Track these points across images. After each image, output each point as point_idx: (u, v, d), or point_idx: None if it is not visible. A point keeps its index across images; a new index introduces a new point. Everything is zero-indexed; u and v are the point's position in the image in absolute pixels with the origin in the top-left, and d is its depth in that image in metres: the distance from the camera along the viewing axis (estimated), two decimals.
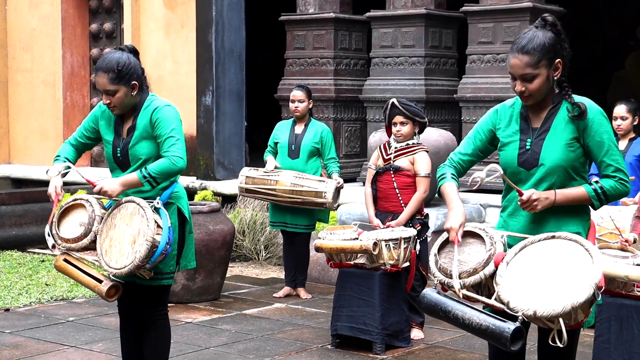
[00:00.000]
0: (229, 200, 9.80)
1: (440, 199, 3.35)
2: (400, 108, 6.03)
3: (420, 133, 6.18)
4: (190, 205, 5.02)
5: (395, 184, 6.05)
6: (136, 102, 4.31)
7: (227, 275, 7.75)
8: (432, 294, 3.43)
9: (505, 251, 3.41)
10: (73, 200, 4.39)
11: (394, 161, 6.07)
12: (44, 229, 10.47)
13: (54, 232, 4.37)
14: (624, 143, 6.80)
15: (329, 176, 7.29)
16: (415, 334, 6.13)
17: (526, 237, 3.42)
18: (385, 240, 5.66)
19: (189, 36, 10.94)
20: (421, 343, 6.03)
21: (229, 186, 10.08)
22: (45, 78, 12.44)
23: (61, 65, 12.22)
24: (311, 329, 6.44)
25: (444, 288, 3.46)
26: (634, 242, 4.93)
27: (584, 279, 3.16)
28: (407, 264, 5.82)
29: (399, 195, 6.04)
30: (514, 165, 3.52)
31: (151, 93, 4.38)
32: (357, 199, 8.41)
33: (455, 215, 3.47)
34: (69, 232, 4.31)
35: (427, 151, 6.14)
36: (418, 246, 5.95)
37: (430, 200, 8.26)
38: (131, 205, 4.19)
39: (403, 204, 6.01)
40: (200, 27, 10.72)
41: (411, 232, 5.80)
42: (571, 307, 3.12)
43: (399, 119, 6.06)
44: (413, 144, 6.10)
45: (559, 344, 3.18)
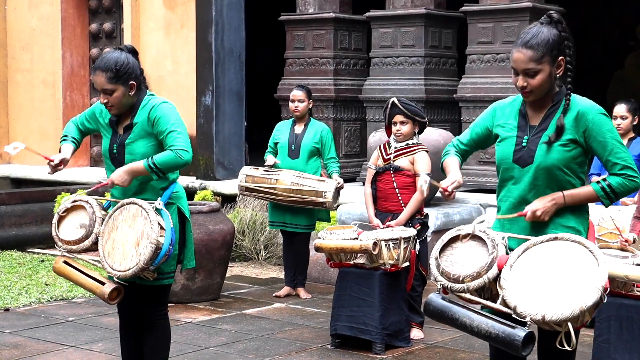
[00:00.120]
0: (228, 200, 9.80)
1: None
2: (401, 107, 6.03)
3: (420, 133, 6.18)
4: (190, 205, 5.02)
5: (395, 184, 6.04)
6: (134, 102, 4.30)
7: (227, 275, 7.75)
8: (437, 300, 3.41)
9: (506, 253, 3.39)
10: (73, 202, 4.37)
11: (393, 161, 6.06)
12: (43, 229, 10.47)
13: (54, 235, 4.35)
14: (623, 142, 6.79)
15: (329, 176, 7.29)
16: (415, 333, 6.12)
17: (527, 239, 3.38)
18: (385, 240, 5.66)
19: (189, 36, 10.94)
20: (421, 343, 6.03)
21: (228, 186, 10.07)
22: (45, 78, 12.43)
23: (61, 65, 12.22)
24: (311, 328, 6.44)
25: (446, 292, 3.44)
26: (634, 242, 4.94)
27: (591, 281, 3.15)
28: (407, 263, 5.82)
29: (398, 195, 6.03)
30: (509, 161, 3.51)
31: (149, 92, 4.37)
32: (357, 198, 8.41)
33: (452, 175, 3.57)
34: (70, 234, 4.30)
35: (427, 151, 6.14)
36: (418, 246, 5.96)
37: (430, 200, 8.26)
38: (133, 207, 4.16)
39: (403, 204, 6.01)
40: (200, 27, 10.72)
41: (411, 232, 5.80)
42: (580, 311, 3.10)
43: (399, 118, 6.05)
44: (413, 143, 6.10)
45: (567, 348, 3.17)
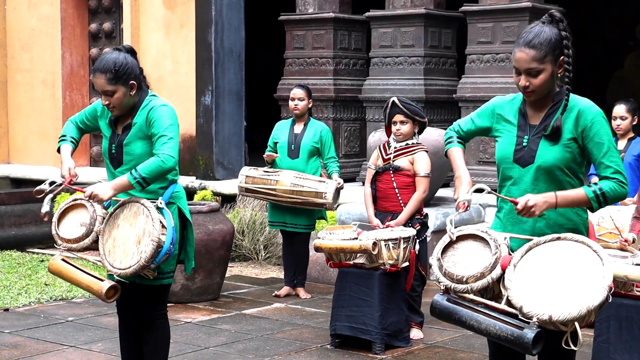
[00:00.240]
0: (228, 200, 9.80)
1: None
2: (401, 107, 6.03)
3: (420, 133, 6.18)
4: (189, 205, 5.02)
5: (394, 184, 6.04)
6: (135, 102, 4.29)
7: (227, 275, 7.75)
8: (443, 302, 3.41)
9: (509, 254, 3.38)
10: (73, 200, 4.37)
11: (393, 161, 6.06)
12: (43, 229, 10.44)
13: (54, 233, 4.35)
14: (623, 142, 6.80)
15: (329, 176, 7.28)
16: (415, 333, 6.13)
17: (530, 239, 3.37)
18: (385, 240, 5.66)
19: (189, 36, 10.94)
20: (420, 343, 6.03)
21: (228, 186, 10.08)
22: (45, 78, 12.43)
23: (60, 65, 12.21)
24: (310, 328, 6.44)
25: (448, 292, 3.43)
26: (633, 242, 4.94)
27: (597, 280, 3.15)
28: (407, 263, 5.82)
29: (398, 195, 6.03)
30: (509, 160, 3.50)
31: (151, 92, 4.36)
32: (357, 198, 8.41)
33: (463, 185, 3.53)
34: (70, 232, 4.30)
35: (427, 151, 6.14)
36: (417, 246, 5.96)
37: (430, 200, 8.26)
38: (135, 205, 4.16)
39: (402, 204, 6.01)
40: (200, 27, 10.72)
41: (410, 232, 5.80)
42: (587, 310, 3.11)
43: (399, 117, 6.06)
44: (412, 143, 6.10)
45: (574, 347, 3.18)
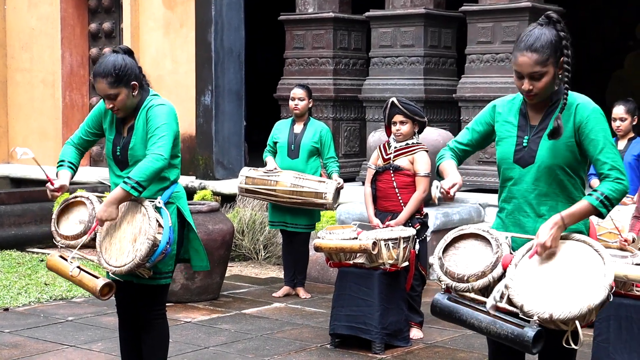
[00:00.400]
0: (228, 199, 9.80)
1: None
2: (400, 107, 6.03)
3: (419, 133, 6.18)
4: (189, 204, 5.01)
5: (394, 184, 6.05)
6: (138, 102, 4.29)
7: (227, 274, 7.75)
8: (444, 301, 3.41)
9: (510, 253, 3.38)
10: (73, 198, 4.38)
11: (393, 161, 6.07)
12: (43, 228, 10.47)
13: (53, 229, 4.36)
14: (623, 143, 6.79)
15: (329, 176, 7.28)
16: (415, 333, 6.13)
17: (531, 238, 3.37)
18: (385, 240, 5.67)
19: (188, 35, 10.94)
20: (420, 342, 6.03)
21: (228, 186, 10.08)
22: (45, 78, 12.43)
23: (60, 64, 12.21)
24: (310, 328, 6.44)
25: (449, 291, 3.43)
26: (633, 242, 4.94)
27: (598, 279, 3.15)
28: (407, 263, 5.82)
29: (398, 194, 6.04)
30: (509, 161, 3.49)
31: (152, 91, 4.36)
32: (356, 198, 8.41)
33: (451, 177, 3.50)
34: (69, 230, 4.31)
35: (427, 151, 6.14)
36: (417, 246, 5.96)
37: (430, 200, 8.25)
38: (132, 204, 4.17)
39: (402, 204, 6.02)
40: (200, 27, 10.72)
41: (410, 232, 5.81)
42: (588, 309, 3.10)
43: (398, 118, 6.06)
44: (413, 143, 6.10)
45: (575, 346, 3.17)
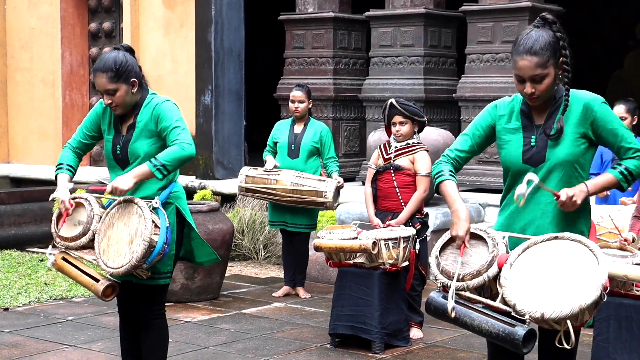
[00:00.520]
0: (228, 199, 9.80)
1: (440, 197, 3.36)
2: (399, 108, 6.03)
3: (419, 132, 6.18)
4: (189, 204, 5.01)
5: (395, 183, 6.05)
6: (137, 100, 4.30)
7: (226, 274, 7.75)
8: (438, 299, 3.41)
9: (507, 252, 3.38)
10: (72, 199, 4.38)
11: (394, 160, 6.07)
12: (42, 228, 10.46)
13: (52, 231, 4.37)
14: None
15: (329, 175, 7.29)
16: (415, 333, 6.13)
17: (528, 238, 3.38)
18: (385, 240, 5.66)
19: (188, 35, 10.93)
20: (420, 342, 6.03)
21: (228, 185, 10.08)
22: (45, 77, 12.43)
23: (60, 64, 12.21)
24: (310, 328, 6.44)
25: (446, 290, 3.43)
26: (633, 242, 4.94)
27: (591, 280, 3.14)
28: (406, 263, 5.82)
29: (399, 194, 6.04)
30: (518, 162, 3.47)
31: (151, 91, 4.37)
32: (356, 198, 8.41)
33: (461, 221, 3.43)
34: (68, 231, 4.31)
35: (427, 150, 6.14)
36: (418, 245, 5.96)
37: (430, 200, 8.26)
38: (129, 205, 4.17)
39: (403, 203, 6.02)
40: (200, 27, 10.71)
41: (410, 232, 5.80)
42: (579, 309, 3.10)
43: (398, 118, 6.06)
44: (413, 143, 6.10)
45: (566, 346, 3.17)
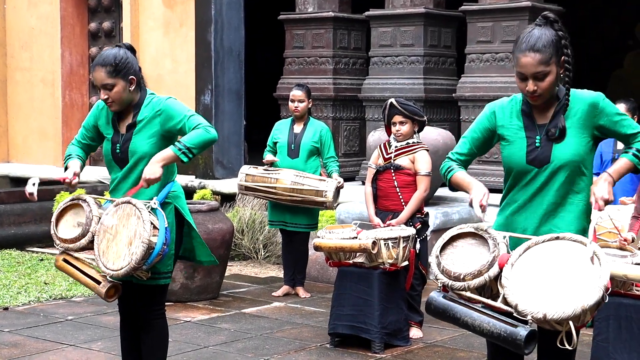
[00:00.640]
0: (227, 199, 9.80)
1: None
2: (399, 108, 6.03)
3: (419, 132, 6.19)
4: (188, 204, 5.01)
5: (395, 183, 6.05)
6: (135, 99, 4.28)
7: (226, 274, 7.75)
8: (439, 299, 3.41)
9: (508, 252, 3.38)
10: (71, 200, 4.38)
11: (394, 160, 6.07)
12: (42, 227, 10.46)
13: (52, 232, 4.36)
14: None
15: (329, 175, 7.29)
16: (414, 332, 6.13)
17: (529, 238, 3.37)
18: (384, 239, 5.66)
19: (188, 35, 10.93)
20: (420, 342, 6.03)
21: (227, 185, 10.08)
22: (44, 77, 12.43)
23: (60, 64, 12.21)
24: (310, 327, 6.44)
25: (446, 290, 3.43)
26: (633, 241, 4.94)
27: (593, 280, 3.14)
28: (406, 263, 5.82)
29: (399, 193, 6.04)
30: (521, 163, 3.47)
31: (149, 91, 4.36)
32: (356, 198, 8.41)
33: (478, 186, 3.48)
34: (67, 233, 4.31)
35: (428, 150, 6.15)
36: (418, 245, 5.96)
37: (430, 199, 8.26)
38: (127, 207, 4.15)
39: (403, 203, 6.02)
40: (200, 26, 10.71)
41: (410, 231, 5.80)
42: (581, 310, 3.09)
43: (398, 118, 6.06)
44: (413, 142, 6.11)
45: (568, 347, 3.16)
